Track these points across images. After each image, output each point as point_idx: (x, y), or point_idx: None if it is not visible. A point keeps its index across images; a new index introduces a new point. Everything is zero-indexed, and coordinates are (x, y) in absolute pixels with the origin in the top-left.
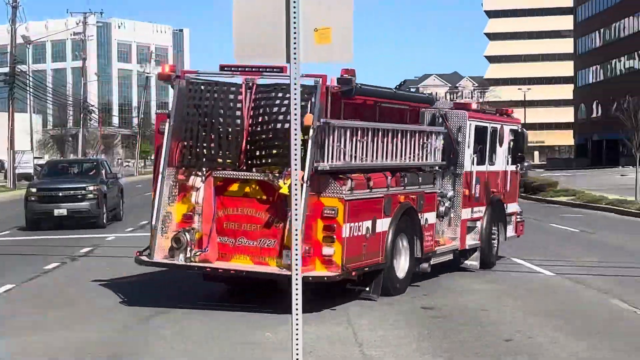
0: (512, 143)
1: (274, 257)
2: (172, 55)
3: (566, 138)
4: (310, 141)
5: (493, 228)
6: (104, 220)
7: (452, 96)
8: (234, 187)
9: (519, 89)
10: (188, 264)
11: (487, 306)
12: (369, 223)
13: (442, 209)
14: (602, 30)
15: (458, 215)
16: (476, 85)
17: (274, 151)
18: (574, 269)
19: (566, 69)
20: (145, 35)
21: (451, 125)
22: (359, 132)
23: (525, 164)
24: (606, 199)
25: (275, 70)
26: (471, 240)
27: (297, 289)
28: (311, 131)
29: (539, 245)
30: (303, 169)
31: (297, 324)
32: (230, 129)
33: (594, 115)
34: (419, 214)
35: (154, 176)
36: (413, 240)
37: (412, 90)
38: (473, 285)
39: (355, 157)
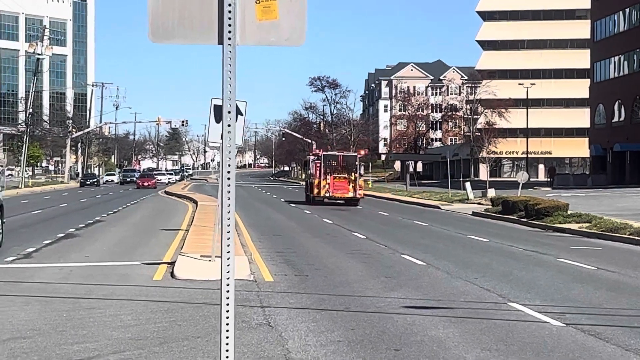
0: None
1: (347, 194)
2: (71, 31)
3: (579, 148)
4: (357, 167)
5: None
6: None
7: (434, 91)
8: (338, 178)
9: (520, 84)
10: (329, 195)
11: None
12: None
13: None
14: (627, 10)
15: None
16: (465, 78)
17: (346, 170)
18: (589, 319)
19: (581, 59)
20: (37, 4)
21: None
22: (363, 166)
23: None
24: (630, 228)
25: (351, 152)
26: None
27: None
28: (358, 166)
29: (542, 285)
30: (358, 174)
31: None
32: (337, 165)
33: (616, 119)
34: None
35: (311, 179)
36: None
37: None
38: (438, 330)
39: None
